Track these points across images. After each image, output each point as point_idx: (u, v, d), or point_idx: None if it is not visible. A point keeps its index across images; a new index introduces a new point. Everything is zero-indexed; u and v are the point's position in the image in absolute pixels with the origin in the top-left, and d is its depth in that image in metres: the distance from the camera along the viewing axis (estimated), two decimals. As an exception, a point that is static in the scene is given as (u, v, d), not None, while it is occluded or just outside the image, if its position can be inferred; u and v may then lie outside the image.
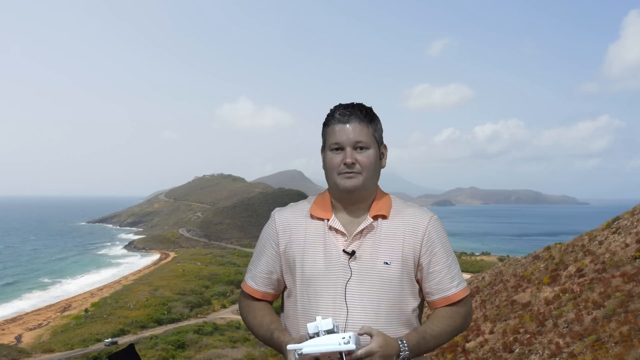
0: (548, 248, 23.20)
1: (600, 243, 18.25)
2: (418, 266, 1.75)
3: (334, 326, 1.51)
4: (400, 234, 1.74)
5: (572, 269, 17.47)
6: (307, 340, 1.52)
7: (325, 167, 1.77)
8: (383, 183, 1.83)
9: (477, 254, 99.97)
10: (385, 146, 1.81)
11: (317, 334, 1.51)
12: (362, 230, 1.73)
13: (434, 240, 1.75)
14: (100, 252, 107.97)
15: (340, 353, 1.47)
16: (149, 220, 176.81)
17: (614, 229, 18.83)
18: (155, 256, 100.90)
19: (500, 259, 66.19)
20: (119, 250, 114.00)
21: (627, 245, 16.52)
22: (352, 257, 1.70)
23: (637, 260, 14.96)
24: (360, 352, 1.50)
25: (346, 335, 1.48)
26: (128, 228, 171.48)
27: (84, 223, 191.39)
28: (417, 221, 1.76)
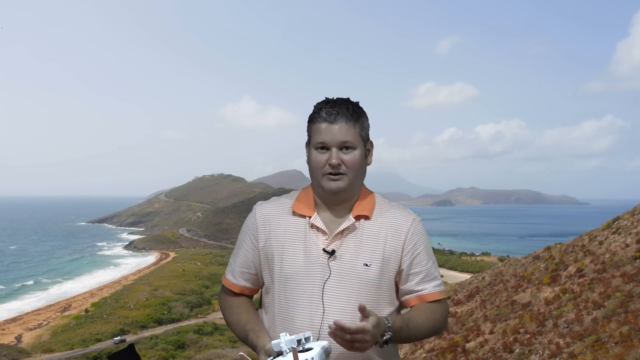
0: (548, 248, 23.20)
1: (601, 243, 18.25)
2: (399, 267, 1.72)
3: (299, 343, 1.47)
4: (382, 235, 1.72)
5: (572, 269, 17.47)
6: (274, 357, 1.48)
7: (309, 164, 1.74)
8: (383, 183, 1.82)
9: (477, 254, 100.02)
10: (371, 143, 1.78)
11: (281, 353, 1.46)
12: (343, 230, 1.71)
13: (416, 242, 1.74)
14: (100, 252, 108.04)
15: None
16: (149, 220, 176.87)
17: (614, 229, 18.83)
18: (155, 256, 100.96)
19: (501, 259, 66.22)
20: (119, 250, 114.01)
21: (627, 246, 16.52)
22: (332, 257, 1.68)
23: (637, 260, 14.97)
24: (354, 327, 1.46)
25: (309, 356, 1.44)
26: (128, 228, 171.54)
27: (84, 223, 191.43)
28: (399, 223, 1.74)
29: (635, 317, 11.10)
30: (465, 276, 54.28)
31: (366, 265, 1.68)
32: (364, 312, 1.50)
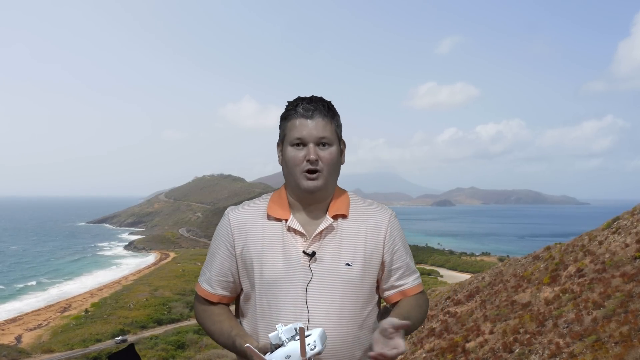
0: (548, 248, 23.19)
1: (600, 243, 18.25)
2: (381, 264, 1.72)
3: (296, 331, 1.46)
4: (362, 234, 1.71)
5: (572, 269, 17.47)
6: (271, 351, 1.48)
7: (285, 162, 1.70)
8: (383, 183, 1.81)
9: (477, 254, 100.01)
10: (344, 142, 1.76)
11: (282, 344, 1.46)
12: (322, 231, 1.68)
13: (395, 238, 1.74)
14: (100, 253, 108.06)
15: (309, 359, 1.44)
16: (149, 221, 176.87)
17: (614, 229, 18.83)
18: (155, 256, 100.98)
19: (500, 259, 66.21)
20: (119, 250, 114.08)
21: (627, 245, 16.52)
22: (313, 259, 1.66)
23: (637, 260, 14.97)
24: (394, 353, 1.50)
25: (311, 340, 1.45)
26: (128, 228, 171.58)
27: (83, 223, 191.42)
28: (377, 219, 1.74)
29: (635, 317, 11.10)
30: (465, 276, 54.27)
31: (348, 265, 1.67)
32: (399, 327, 1.51)
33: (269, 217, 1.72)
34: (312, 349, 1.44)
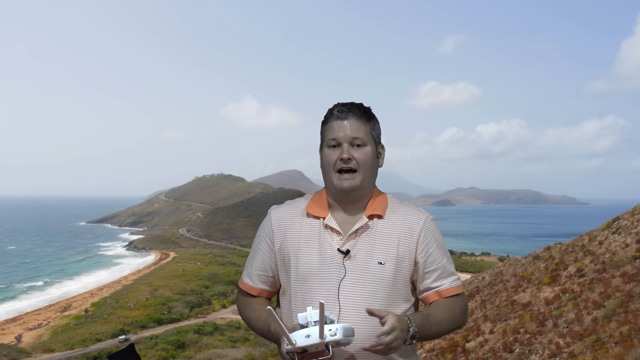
0: (548, 248, 23.19)
1: (601, 243, 18.25)
2: (415, 266, 1.76)
3: (325, 317, 1.50)
4: (396, 234, 1.75)
5: (572, 269, 17.48)
6: (298, 330, 1.53)
7: (322, 164, 1.79)
8: (383, 183, 1.84)
9: (477, 254, 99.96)
10: (382, 146, 1.84)
11: (307, 325, 1.52)
12: (357, 229, 1.74)
13: (430, 240, 1.78)
14: (100, 252, 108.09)
15: (326, 345, 1.47)
16: (149, 220, 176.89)
17: (614, 229, 18.83)
18: (155, 256, 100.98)
19: (500, 259, 66.21)
20: (119, 250, 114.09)
21: (627, 246, 16.52)
22: (347, 256, 1.71)
23: (637, 260, 14.97)
24: (385, 328, 1.53)
25: (333, 327, 1.48)
26: (128, 228, 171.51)
27: (83, 223, 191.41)
28: (412, 221, 1.78)
29: (635, 317, 11.11)
30: (466, 276, 54.26)
31: (380, 263, 1.72)
32: (374, 314, 1.56)
33: (308, 215, 1.80)
34: (332, 335, 1.47)
